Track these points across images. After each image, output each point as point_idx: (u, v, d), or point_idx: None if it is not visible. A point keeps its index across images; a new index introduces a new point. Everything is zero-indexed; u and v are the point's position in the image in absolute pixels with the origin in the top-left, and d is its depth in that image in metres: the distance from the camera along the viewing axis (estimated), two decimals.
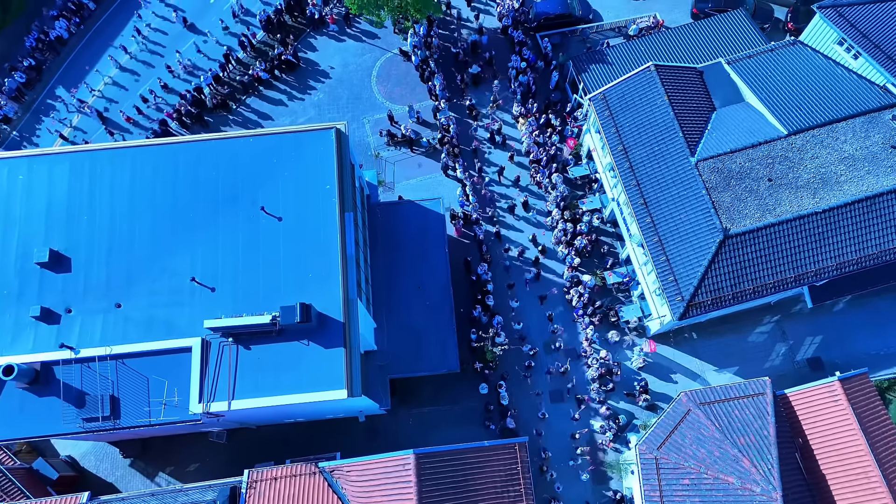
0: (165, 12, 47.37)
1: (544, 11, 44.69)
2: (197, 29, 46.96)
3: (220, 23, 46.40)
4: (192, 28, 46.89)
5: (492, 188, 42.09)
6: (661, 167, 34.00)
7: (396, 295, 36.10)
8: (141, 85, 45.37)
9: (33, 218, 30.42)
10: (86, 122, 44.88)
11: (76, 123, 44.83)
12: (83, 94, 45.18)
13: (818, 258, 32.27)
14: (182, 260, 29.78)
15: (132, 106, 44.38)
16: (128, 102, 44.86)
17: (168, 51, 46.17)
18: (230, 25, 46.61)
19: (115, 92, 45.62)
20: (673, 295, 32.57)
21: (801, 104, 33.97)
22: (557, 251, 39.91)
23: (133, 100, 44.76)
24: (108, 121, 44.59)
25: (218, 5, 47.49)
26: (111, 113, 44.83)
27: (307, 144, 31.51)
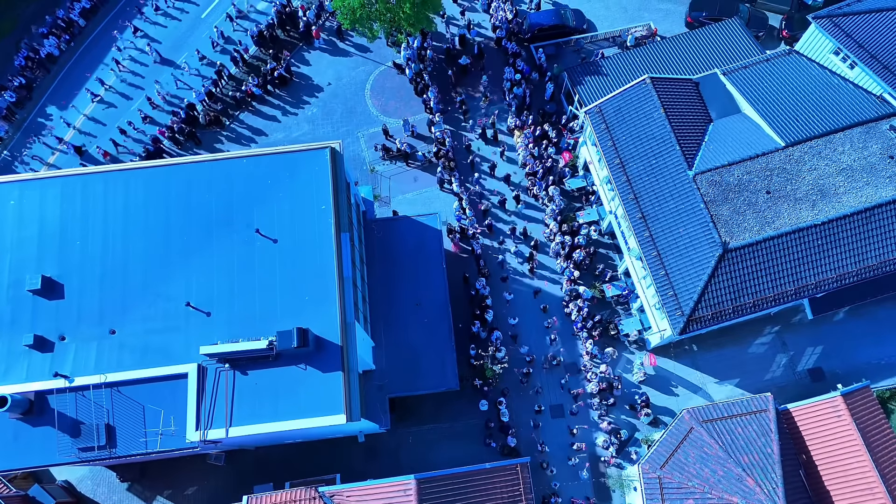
0: (142, 43, 46.62)
1: (538, 22, 44.49)
2: (172, 62, 46.04)
3: (197, 53, 45.56)
4: (167, 62, 46.01)
5: (483, 182, 42.18)
6: (658, 181, 33.78)
7: (394, 312, 35.78)
8: (119, 117, 44.46)
9: (25, 243, 30.02)
10: (63, 160, 43.83)
11: (53, 161, 43.87)
12: (60, 130, 44.23)
13: (818, 270, 32.10)
14: (177, 284, 29.41)
15: (108, 140, 43.35)
16: (105, 136, 43.74)
17: (147, 81, 45.42)
18: (208, 55, 45.84)
19: (92, 126, 44.61)
20: (673, 310, 32.35)
21: (798, 115, 33.80)
22: (556, 264, 39.65)
23: (111, 133, 43.74)
24: (86, 154, 43.62)
25: (196, 37, 46.78)
26: (89, 148, 43.79)
27: (302, 165, 31.21)
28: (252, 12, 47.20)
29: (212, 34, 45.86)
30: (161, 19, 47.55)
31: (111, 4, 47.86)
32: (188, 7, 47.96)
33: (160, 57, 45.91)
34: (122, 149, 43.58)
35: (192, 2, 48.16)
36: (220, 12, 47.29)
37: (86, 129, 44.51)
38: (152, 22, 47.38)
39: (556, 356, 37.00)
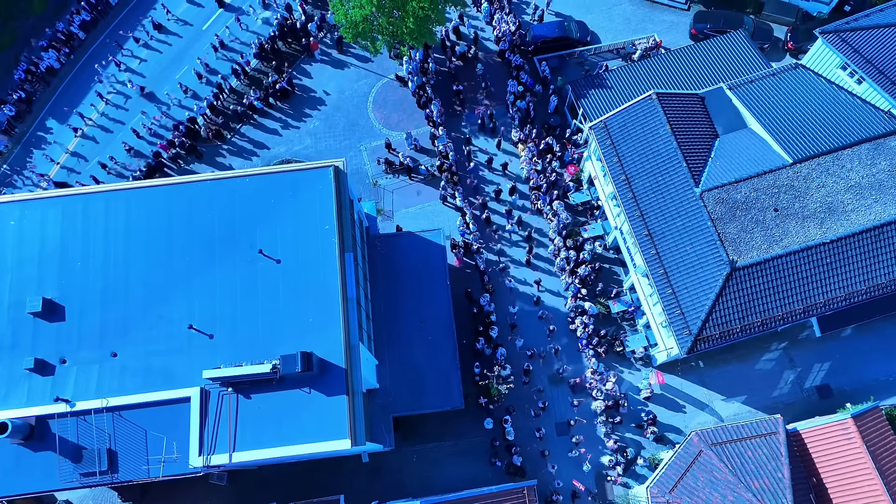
0: (125, 76, 45.69)
1: (541, 34, 44.15)
2: (155, 97, 45.10)
3: (180, 86, 44.70)
4: (150, 96, 45.07)
5: (481, 173, 42.39)
6: (664, 198, 33.46)
7: (398, 329, 35.45)
8: (102, 151, 43.84)
9: (26, 264, 29.68)
10: (62, 175, 43.51)
11: (52, 176, 43.41)
12: (43, 166, 43.60)
13: (827, 289, 31.79)
14: (179, 306, 29.08)
15: (90, 177, 42.78)
16: (86, 172, 43.12)
17: (130, 115, 44.71)
18: (194, 87, 44.97)
19: (75, 162, 43.87)
20: (680, 329, 32.02)
21: (806, 131, 33.47)
22: (560, 280, 39.32)
23: (93, 169, 43.13)
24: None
25: (174, 72, 45.90)
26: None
27: (305, 183, 30.87)
28: (236, 42, 46.25)
29: (196, 66, 45.10)
30: (143, 52, 46.48)
31: (111, 16, 47.49)
32: (171, 39, 46.87)
33: (141, 92, 44.96)
34: (119, 165, 43.19)
35: (176, 34, 47.04)
36: (211, 37, 46.32)
37: (69, 165, 43.64)
38: (134, 56, 46.35)
39: (561, 368, 36.93)
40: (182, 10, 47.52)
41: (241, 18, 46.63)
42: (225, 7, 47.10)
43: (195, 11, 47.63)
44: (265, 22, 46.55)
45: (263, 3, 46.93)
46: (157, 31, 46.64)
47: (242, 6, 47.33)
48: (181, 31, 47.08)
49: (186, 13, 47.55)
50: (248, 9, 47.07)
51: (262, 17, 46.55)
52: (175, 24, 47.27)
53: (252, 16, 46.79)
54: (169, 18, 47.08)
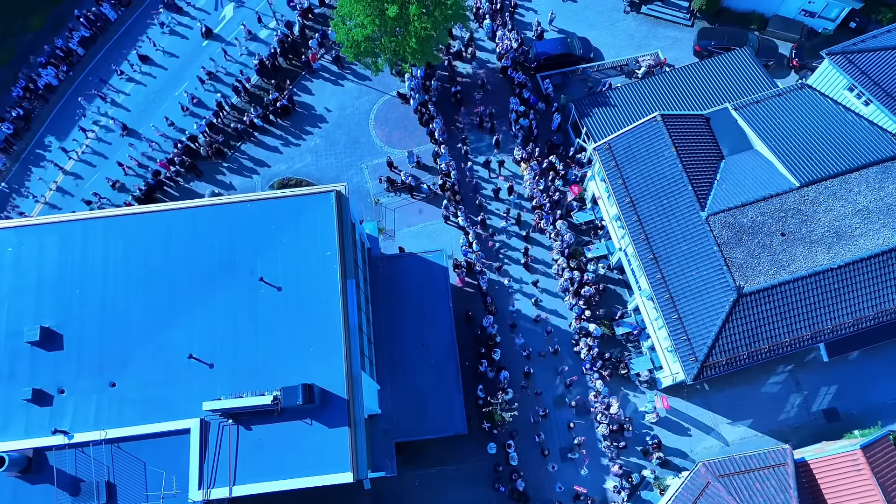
0: (111, 109, 45.37)
1: (544, 51, 43.77)
2: (138, 134, 44.50)
3: (166, 120, 44.11)
4: (133, 133, 44.53)
5: (476, 171, 42.41)
6: (670, 221, 33.07)
7: (400, 353, 35.06)
8: (86, 186, 43.35)
9: (23, 292, 29.25)
10: (57, 198, 43.32)
11: (49, 198, 43.32)
12: (26, 206, 43.16)
13: (834, 315, 31.38)
14: (178, 334, 28.66)
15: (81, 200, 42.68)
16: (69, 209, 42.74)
17: (113, 148, 44.24)
18: (176, 121, 44.22)
19: (59, 199, 43.38)
20: (686, 355, 31.62)
21: (812, 153, 33.08)
22: (564, 300, 38.94)
23: (75, 205, 42.76)
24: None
25: (155, 107, 45.32)
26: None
27: (307, 209, 30.48)
28: (222, 73, 45.66)
29: (181, 99, 44.55)
30: (127, 86, 45.94)
31: (111, 32, 47.17)
32: (156, 71, 46.39)
33: (123, 130, 44.39)
34: (129, 172, 43.02)
35: (161, 66, 46.58)
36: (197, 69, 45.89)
37: (52, 202, 43.17)
38: (116, 90, 45.84)
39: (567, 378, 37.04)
40: (167, 43, 46.95)
41: (228, 50, 45.86)
42: (212, 38, 46.41)
43: (181, 43, 47.00)
44: (251, 53, 45.90)
45: (259, 20, 46.59)
46: (143, 62, 46.11)
47: (236, 33, 46.74)
48: (167, 62, 46.62)
49: (172, 44, 46.96)
50: (234, 40, 46.37)
51: (248, 48, 45.93)
52: (162, 55, 46.69)
53: (238, 47, 45.97)
54: (157, 49, 46.51)
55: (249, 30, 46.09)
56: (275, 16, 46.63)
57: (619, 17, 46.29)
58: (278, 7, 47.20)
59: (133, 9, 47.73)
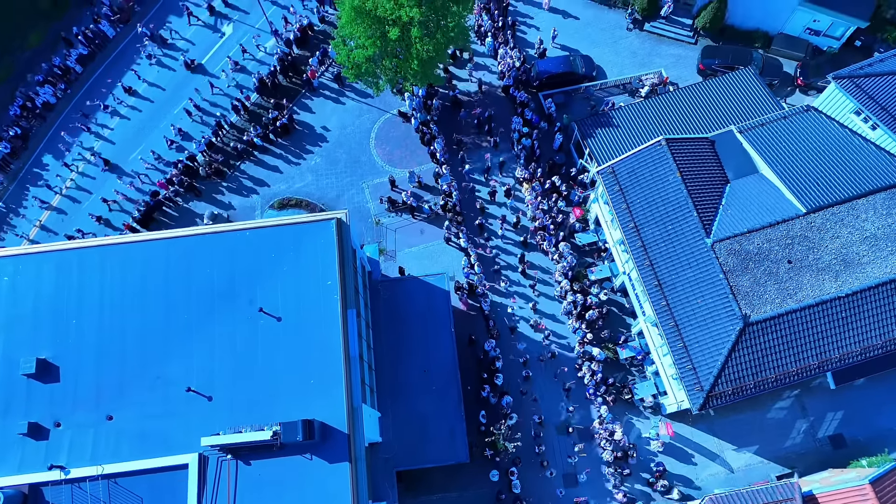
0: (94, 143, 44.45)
1: (547, 70, 43.38)
2: (121, 169, 43.64)
3: (152, 154, 43.15)
4: (115, 169, 43.66)
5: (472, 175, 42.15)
6: (675, 247, 32.66)
7: (401, 379, 34.62)
8: (67, 225, 42.52)
9: (19, 323, 28.78)
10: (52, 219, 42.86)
11: (44, 222, 42.74)
12: (23, 226, 42.44)
13: (842, 343, 30.97)
14: (176, 365, 28.20)
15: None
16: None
17: (97, 184, 43.36)
18: (162, 154, 43.40)
19: (44, 236, 42.41)
20: (691, 384, 31.19)
21: (819, 178, 32.67)
22: (567, 324, 38.51)
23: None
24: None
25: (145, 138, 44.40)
26: None
27: (306, 237, 30.07)
28: (208, 105, 44.92)
29: (166, 135, 43.83)
30: (112, 120, 45.04)
31: (109, 49, 46.75)
32: (142, 104, 45.49)
33: (105, 166, 43.48)
34: (114, 206, 42.35)
35: (148, 100, 45.73)
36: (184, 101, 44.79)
37: (36, 238, 42.27)
38: (99, 124, 44.95)
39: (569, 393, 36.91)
40: (153, 75, 46.25)
41: (214, 82, 45.18)
42: (195, 71, 45.67)
43: (167, 75, 46.28)
44: (238, 85, 45.25)
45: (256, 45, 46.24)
46: (129, 94, 45.37)
47: (222, 65, 46.03)
48: (153, 94, 45.77)
49: (158, 77, 46.27)
50: (220, 73, 45.68)
51: (234, 79, 45.25)
52: (147, 87, 45.91)
53: (224, 79, 45.34)
54: (142, 81, 45.78)
55: (236, 62, 45.12)
56: (275, 33, 46.23)
57: (622, 34, 45.89)
58: (277, 23, 46.84)
59: (132, 26, 47.28)
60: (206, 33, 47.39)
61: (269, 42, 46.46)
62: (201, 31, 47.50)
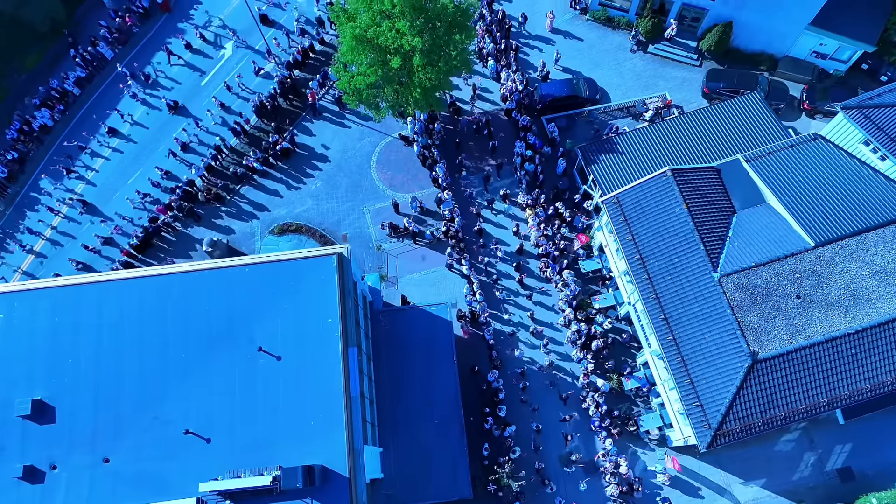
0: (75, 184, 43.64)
1: (549, 94, 42.85)
2: (100, 212, 42.74)
3: (129, 203, 42.25)
4: (93, 210, 42.81)
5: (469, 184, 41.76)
6: (681, 281, 32.12)
7: (403, 412, 34.11)
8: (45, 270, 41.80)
9: (15, 362, 28.35)
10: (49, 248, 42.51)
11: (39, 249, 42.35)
12: (18, 255, 42.02)
13: (852, 381, 30.39)
14: (174, 405, 27.70)
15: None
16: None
17: (81, 227, 42.71)
18: (151, 192, 42.63)
19: (39, 263, 42.07)
20: (699, 422, 30.64)
21: (827, 210, 32.11)
22: (571, 354, 37.98)
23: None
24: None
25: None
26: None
27: (307, 273, 29.57)
28: (195, 143, 43.97)
29: (151, 175, 42.92)
30: (96, 161, 44.07)
31: (107, 72, 46.23)
32: (124, 145, 44.60)
33: (83, 206, 42.64)
34: (128, 219, 41.96)
35: (129, 140, 44.74)
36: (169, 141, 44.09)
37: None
38: (82, 165, 44.02)
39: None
40: (139, 114, 45.35)
41: (200, 122, 44.58)
42: (177, 111, 44.83)
43: (151, 115, 45.31)
44: (223, 123, 44.42)
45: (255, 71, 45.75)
46: (110, 135, 44.44)
47: (206, 104, 44.97)
48: (136, 134, 44.85)
49: (142, 116, 45.30)
50: (206, 114, 44.67)
51: (219, 117, 44.41)
52: (131, 127, 44.99)
53: (210, 118, 44.37)
54: (125, 120, 44.92)
55: (222, 102, 44.20)
56: (273, 58, 45.78)
57: (626, 56, 45.38)
58: (277, 45, 46.42)
59: (130, 47, 46.83)
60: (187, 72, 46.24)
61: (269, 65, 45.99)
62: (182, 70, 46.34)
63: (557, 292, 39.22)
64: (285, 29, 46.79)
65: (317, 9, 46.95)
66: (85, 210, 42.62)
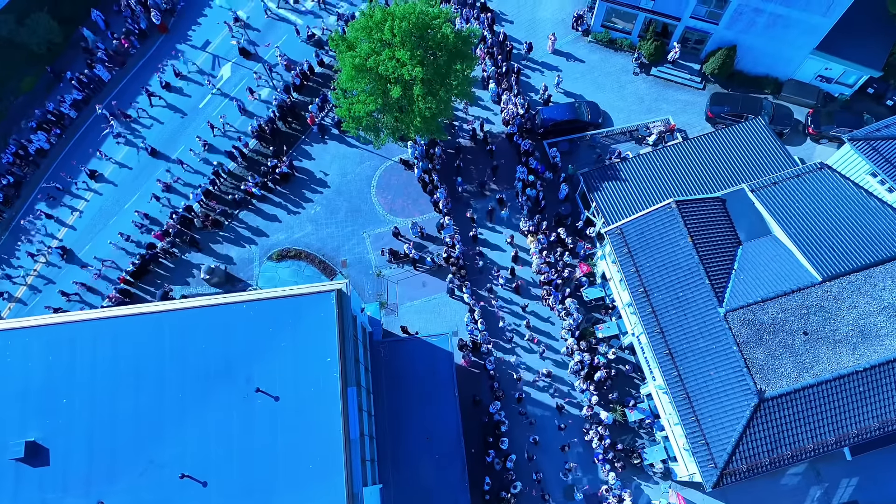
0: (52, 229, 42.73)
1: (551, 118, 42.36)
2: (80, 260, 41.65)
3: (121, 235, 41.47)
4: (71, 259, 41.72)
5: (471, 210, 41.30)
6: (686, 315, 31.61)
7: (403, 447, 33.59)
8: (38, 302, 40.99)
9: (8, 403, 27.72)
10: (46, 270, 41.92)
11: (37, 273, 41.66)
12: (13, 284, 41.36)
13: (860, 419, 29.86)
14: (170, 448, 27.14)
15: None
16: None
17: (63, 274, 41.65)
18: (133, 235, 41.78)
19: (19, 309, 41.04)
20: (704, 460, 30.10)
21: (834, 243, 31.59)
22: (575, 385, 37.45)
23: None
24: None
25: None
26: None
27: (305, 310, 29.03)
28: (180, 183, 43.12)
29: (134, 218, 41.87)
30: (78, 202, 43.12)
31: (103, 94, 45.75)
32: (105, 188, 43.66)
33: (62, 256, 41.63)
34: (109, 263, 41.21)
35: (111, 182, 43.84)
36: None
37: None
38: (67, 205, 43.13)
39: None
40: (122, 155, 44.44)
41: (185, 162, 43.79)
42: (157, 156, 44.02)
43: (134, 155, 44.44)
44: (207, 162, 43.66)
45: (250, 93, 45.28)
46: (93, 179, 43.44)
47: (190, 145, 44.15)
48: (117, 177, 43.92)
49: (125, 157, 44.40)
50: (190, 152, 43.77)
51: (202, 157, 43.65)
52: (115, 169, 44.04)
53: (196, 156, 43.60)
54: (105, 158, 44.04)
55: (206, 141, 43.44)
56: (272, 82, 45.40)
57: (629, 78, 44.91)
58: (279, 68, 45.98)
59: (127, 69, 46.38)
60: (168, 113, 45.41)
61: (265, 90, 45.57)
62: (163, 111, 45.45)
63: (560, 321, 38.69)
64: (267, 63, 45.93)
65: (317, 30, 46.54)
66: (65, 258, 41.66)
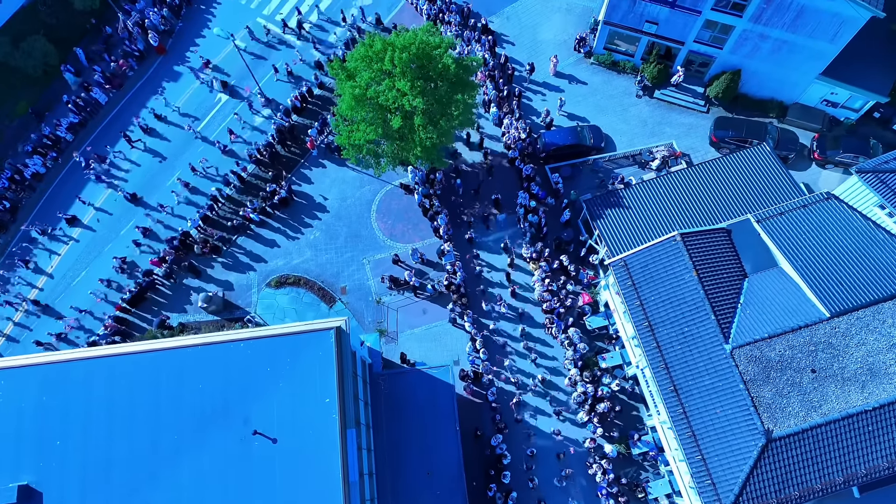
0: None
1: (553, 142, 41.83)
2: (56, 311, 40.72)
3: (101, 282, 40.56)
4: (47, 310, 40.81)
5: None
6: (692, 351, 31.06)
7: (403, 482, 33.04)
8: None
9: (1, 444, 27.24)
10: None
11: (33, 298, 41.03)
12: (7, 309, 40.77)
13: (869, 458, 29.28)
14: (166, 491, 26.60)
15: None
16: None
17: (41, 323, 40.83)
18: (114, 278, 40.95)
19: (18, 332, 40.61)
20: (711, 500, 29.51)
21: (842, 277, 31.05)
22: (578, 417, 36.89)
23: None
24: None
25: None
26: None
27: (304, 349, 28.48)
28: (171, 211, 42.55)
29: (116, 262, 41.08)
30: (60, 246, 42.30)
31: (100, 117, 45.26)
32: (83, 234, 42.74)
33: (36, 304, 40.70)
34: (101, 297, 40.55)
35: (90, 228, 42.91)
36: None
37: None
38: (46, 248, 42.18)
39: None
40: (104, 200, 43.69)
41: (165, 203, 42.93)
42: (137, 203, 43.14)
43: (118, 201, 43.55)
44: (191, 202, 43.01)
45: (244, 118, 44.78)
46: (71, 224, 42.53)
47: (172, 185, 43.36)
48: (97, 222, 43.06)
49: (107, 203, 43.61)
50: (173, 195, 42.89)
51: (185, 197, 42.88)
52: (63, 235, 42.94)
53: (176, 198, 42.78)
54: (86, 203, 43.11)
55: (186, 182, 42.78)
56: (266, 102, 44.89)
57: (632, 101, 44.39)
58: (276, 91, 45.50)
59: (125, 91, 45.89)
60: (147, 158, 44.62)
61: (259, 119, 45.13)
62: (142, 155, 44.68)
63: (563, 350, 38.14)
64: (248, 100, 45.43)
65: (315, 52, 46.07)
66: (40, 308, 40.87)
